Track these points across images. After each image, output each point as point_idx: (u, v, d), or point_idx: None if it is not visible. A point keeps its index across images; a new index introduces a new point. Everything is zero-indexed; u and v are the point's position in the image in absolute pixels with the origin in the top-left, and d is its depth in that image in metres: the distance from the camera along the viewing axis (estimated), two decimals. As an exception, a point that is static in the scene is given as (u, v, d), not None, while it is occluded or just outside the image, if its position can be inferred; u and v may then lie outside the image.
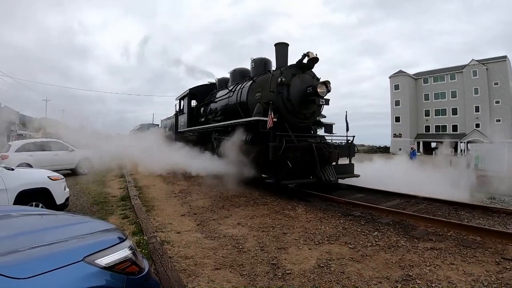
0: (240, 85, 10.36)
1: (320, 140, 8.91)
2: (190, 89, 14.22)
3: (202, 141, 12.60)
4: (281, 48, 9.33)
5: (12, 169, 5.11)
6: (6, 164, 8.43)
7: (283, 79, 8.07)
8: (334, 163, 8.53)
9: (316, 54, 8.34)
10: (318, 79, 8.73)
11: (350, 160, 9.10)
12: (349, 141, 9.33)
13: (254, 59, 10.58)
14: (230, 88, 11.17)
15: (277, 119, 7.86)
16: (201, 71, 15.66)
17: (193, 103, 14.41)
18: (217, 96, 12.23)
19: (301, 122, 8.82)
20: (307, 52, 8.30)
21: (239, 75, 11.50)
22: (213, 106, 12.43)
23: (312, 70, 8.85)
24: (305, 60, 8.45)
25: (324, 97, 8.34)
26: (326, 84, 8.32)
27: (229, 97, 10.85)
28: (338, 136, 9.70)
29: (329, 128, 10.10)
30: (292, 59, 8.92)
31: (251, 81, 9.73)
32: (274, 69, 9.56)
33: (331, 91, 8.47)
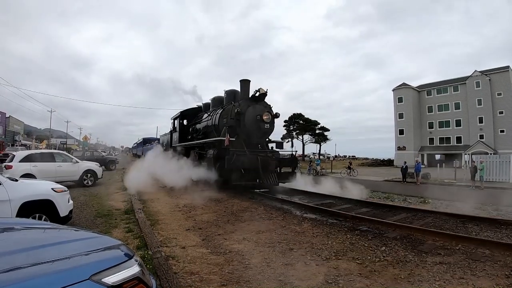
0: (216, 111, 12.67)
1: (267, 153, 11.08)
2: (182, 111, 16.48)
3: (188, 154, 14.68)
4: (244, 84, 11.79)
5: (16, 180, 5.10)
6: (10, 174, 8.45)
7: (238, 110, 10.56)
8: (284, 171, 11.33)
9: (266, 90, 10.85)
10: (270, 108, 11.35)
11: (292, 169, 11.68)
12: (293, 155, 12.13)
13: (226, 91, 12.78)
14: (209, 113, 13.58)
15: (235, 139, 10.47)
16: (196, 95, 18.56)
17: (185, 122, 16.57)
18: (202, 118, 14.42)
19: (254, 141, 11.13)
20: (259, 89, 10.87)
21: (217, 102, 13.69)
22: (197, 126, 14.78)
23: (265, 100, 11.25)
24: (257, 94, 10.88)
25: (269, 122, 11.01)
26: (271, 112, 11.14)
27: (207, 120, 13.25)
28: (286, 151, 12.67)
29: (279, 144, 12.74)
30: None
31: (222, 109, 12.14)
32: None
33: (279, 116, 11.73)
